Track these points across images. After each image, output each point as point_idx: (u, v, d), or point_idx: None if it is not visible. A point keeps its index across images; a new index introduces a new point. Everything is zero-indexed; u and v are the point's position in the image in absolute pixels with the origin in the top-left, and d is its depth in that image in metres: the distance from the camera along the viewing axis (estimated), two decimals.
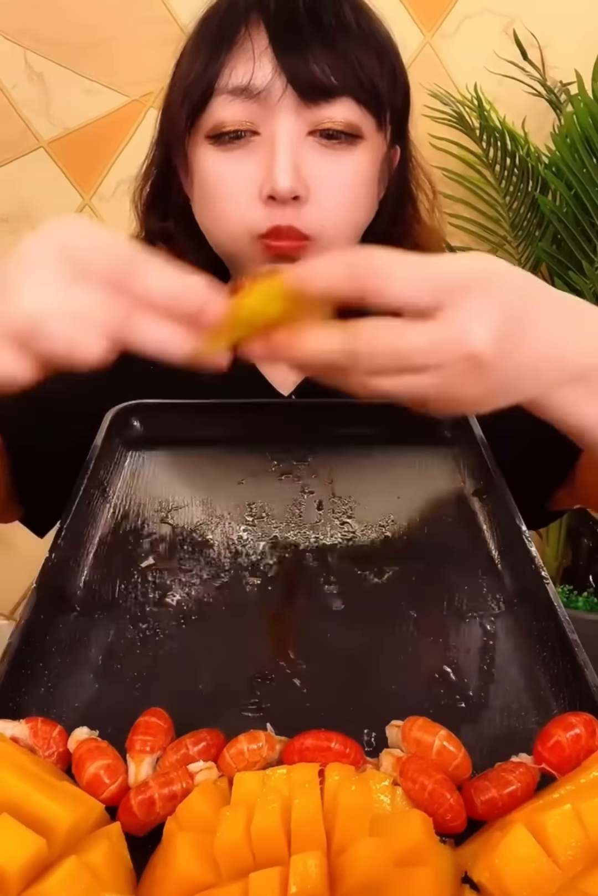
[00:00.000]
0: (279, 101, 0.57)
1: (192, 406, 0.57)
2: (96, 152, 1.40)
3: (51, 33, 1.33)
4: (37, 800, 0.25)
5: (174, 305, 0.35)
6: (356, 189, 0.62)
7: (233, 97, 0.57)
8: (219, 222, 0.62)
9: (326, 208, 0.59)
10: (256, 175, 0.59)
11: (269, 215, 0.59)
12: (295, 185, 0.57)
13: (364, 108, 0.59)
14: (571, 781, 0.27)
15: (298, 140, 0.58)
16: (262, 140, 0.59)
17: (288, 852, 0.25)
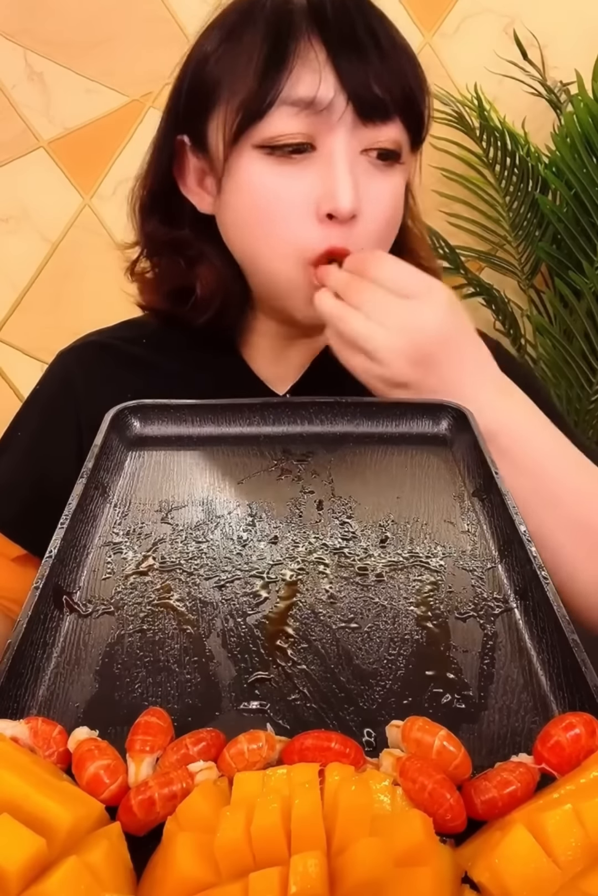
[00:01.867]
0: (341, 117, 0.56)
1: (192, 406, 0.57)
2: (96, 152, 1.40)
3: (51, 33, 1.33)
4: (37, 800, 0.25)
5: None
6: (396, 209, 0.63)
7: (297, 109, 0.56)
8: (267, 240, 0.60)
9: (372, 229, 0.60)
10: (312, 192, 0.57)
11: (325, 235, 0.58)
12: (356, 203, 0.57)
13: (406, 129, 0.59)
14: (571, 781, 0.27)
15: (354, 158, 0.57)
16: (318, 156, 0.57)
17: (288, 852, 0.25)
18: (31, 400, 0.72)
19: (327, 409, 0.57)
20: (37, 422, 0.70)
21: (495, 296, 1.40)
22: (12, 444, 0.69)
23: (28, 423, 0.70)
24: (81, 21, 1.32)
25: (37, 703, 0.35)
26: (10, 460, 0.68)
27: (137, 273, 0.72)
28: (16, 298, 1.51)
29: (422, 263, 0.70)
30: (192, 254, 0.68)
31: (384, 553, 0.44)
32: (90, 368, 0.71)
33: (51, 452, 0.67)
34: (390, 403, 0.57)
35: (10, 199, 1.44)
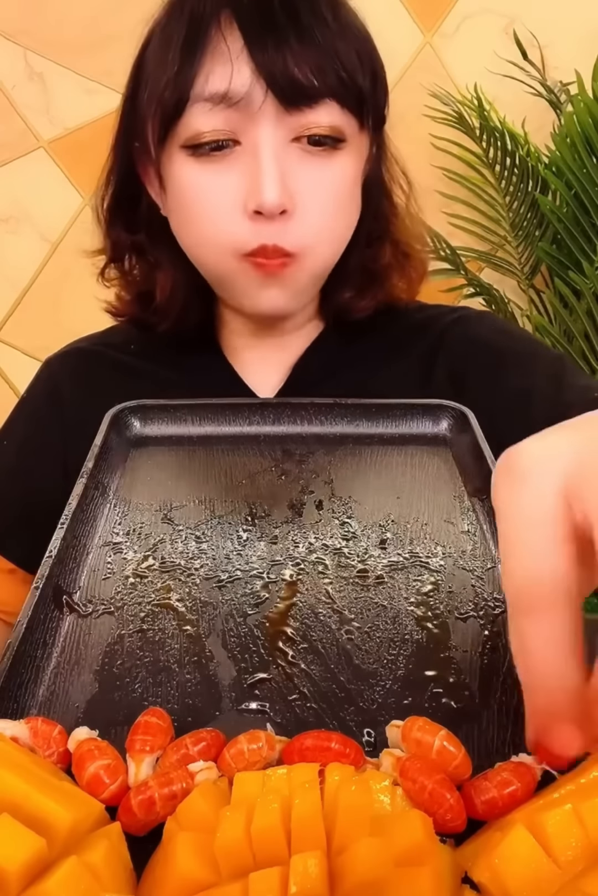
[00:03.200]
0: (260, 108, 0.53)
1: (192, 406, 0.57)
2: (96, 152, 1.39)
3: (51, 33, 1.33)
4: (37, 800, 0.25)
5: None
6: (342, 197, 0.59)
7: (211, 105, 0.53)
8: (202, 239, 0.59)
9: (311, 222, 0.56)
10: (239, 188, 0.55)
11: (255, 232, 0.55)
12: (282, 199, 0.54)
13: (347, 111, 0.55)
14: (571, 781, 0.27)
15: (281, 149, 0.54)
16: (243, 150, 0.55)
17: (288, 852, 0.25)
18: (17, 409, 0.71)
19: (327, 410, 0.57)
20: (23, 432, 0.69)
21: (495, 296, 1.40)
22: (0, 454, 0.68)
23: (14, 433, 0.69)
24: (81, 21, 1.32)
25: (37, 703, 0.35)
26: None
27: (109, 279, 0.71)
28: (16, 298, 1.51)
29: (404, 250, 0.68)
30: (150, 259, 0.67)
31: (384, 553, 0.44)
32: (77, 376, 0.70)
33: (37, 464, 0.66)
34: (390, 404, 0.57)
35: (10, 199, 1.44)
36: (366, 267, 0.67)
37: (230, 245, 0.57)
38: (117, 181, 0.66)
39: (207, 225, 0.57)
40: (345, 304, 0.68)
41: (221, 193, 0.56)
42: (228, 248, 0.57)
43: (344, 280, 0.66)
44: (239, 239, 0.56)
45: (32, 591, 0.38)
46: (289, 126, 0.54)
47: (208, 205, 0.56)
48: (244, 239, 0.56)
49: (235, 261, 0.58)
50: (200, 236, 0.59)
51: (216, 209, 0.56)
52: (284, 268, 0.57)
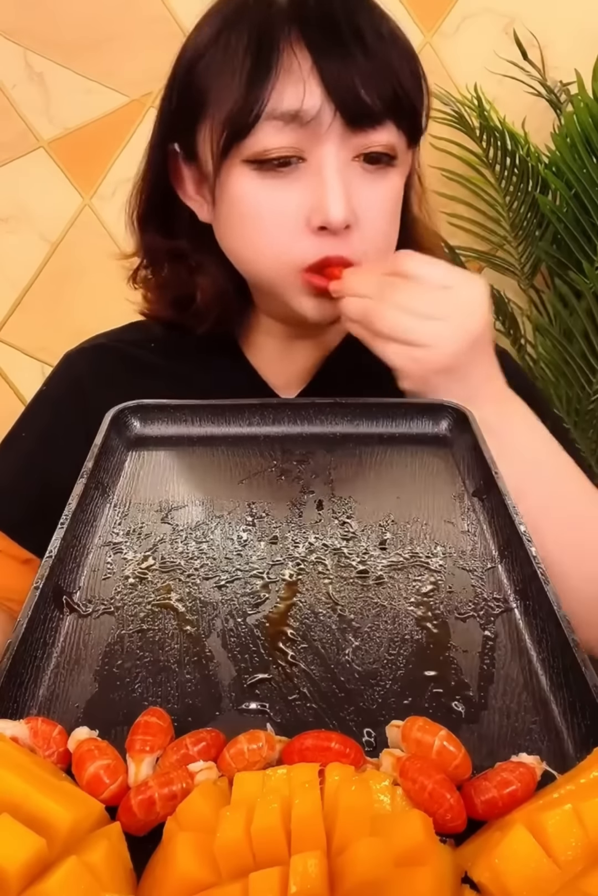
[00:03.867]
0: (328, 127, 0.54)
1: (192, 406, 0.57)
2: (96, 152, 1.40)
3: (51, 33, 1.33)
4: (37, 800, 0.25)
5: None
6: (395, 211, 0.61)
7: (283, 123, 0.54)
8: (261, 252, 0.60)
9: (370, 235, 0.59)
10: (303, 204, 0.56)
11: (319, 246, 0.57)
12: (347, 214, 0.56)
13: (402, 132, 0.58)
14: (571, 781, 0.27)
15: (345, 168, 0.56)
16: (307, 167, 0.56)
17: (288, 852, 0.25)
18: (36, 400, 0.72)
19: (327, 410, 0.57)
20: (43, 423, 0.69)
21: (495, 296, 1.40)
22: (17, 444, 0.69)
23: (33, 424, 0.70)
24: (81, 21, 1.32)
25: (37, 703, 0.35)
26: (14, 462, 0.68)
27: (139, 281, 0.72)
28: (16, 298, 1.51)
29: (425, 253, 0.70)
30: (191, 263, 0.67)
31: (384, 553, 0.44)
32: (98, 371, 0.71)
33: (58, 455, 0.66)
34: (390, 404, 0.57)
35: (10, 199, 1.44)
36: None
37: (291, 258, 0.58)
38: (151, 186, 0.66)
39: (269, 239, 0.59)
40: None
41: (284, 209, 0.57)
42: (290, 261, 0.59)
43: None
44: (301, 253, 0.58)
45: (32, 591, 0.38)
46: (352, 145, 0.56)
47: (271, 219, 0.58)
48: (306, 253, 0.58)
49: (291, 274, 0.59)
50: (259, 249, 0.60)
51: (279, 224, 0.58)
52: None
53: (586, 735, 0.33)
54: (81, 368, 0.71)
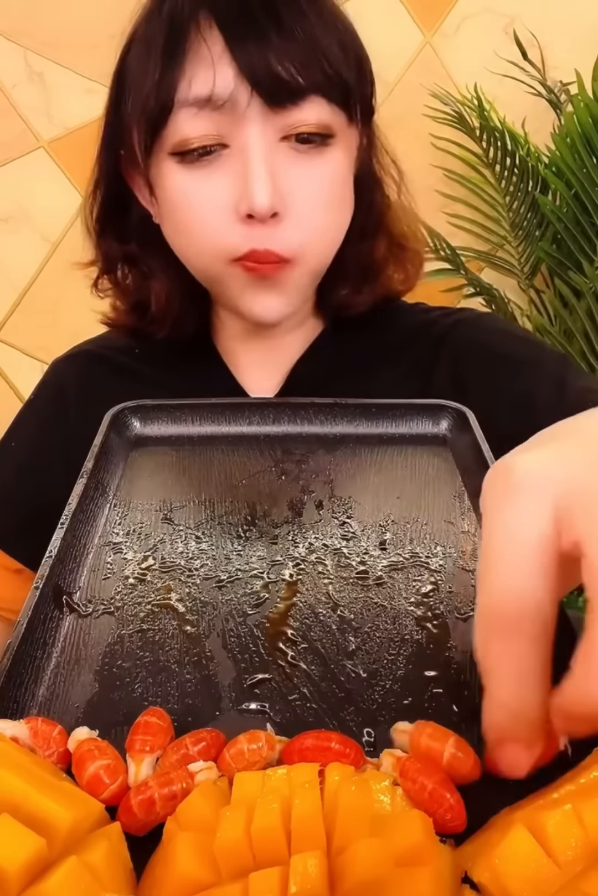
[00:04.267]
0: (246, 109, 0.52)
1: (192, 406, 0.57)
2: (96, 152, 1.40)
3: (51, 33, 1.33)
4: (37, 800, 0.25)
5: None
6: (334, 194, 0.58)
7: (196, 110, 0.52)
8: (193, 246, 0.58)
9: (304, 223, 0.55)
10: (229, 193, 0.54)
11: (247, 236, 0.55)
12: (274, 200, 0.53)
13: (334, 105, 0.54)
14: (571, 781, 0.27)
15: (270, 149, 0.53)
16: (231, 153, 0.54)
17: (288, 852, 0.25)
18: (25, 410, 0.72)
19: (327, 410, 0.57)
20: (31, 433, 0.69)
21: (495, 296, 1.40)
22: (6, 454, 0.69)
23: (22, 434, 0.70)
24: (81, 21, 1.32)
25: (37, 703, 0.35)
26: (3, 472, 0.67)
27: (101, 289, 0.71)
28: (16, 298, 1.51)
29: (399, 243, 0.68)
30: (143, 268, 0.66)
31: (384, 553, 0.44)
32: (82, 379, 0.70)
33: (44, 465, 0.66)
34: (390, 404, 0.57)
35: (10, 199, 1.44)
36: (361, 261, 0.66)
37: (221, 250, 0.56)
38: (105, 191, 0.65)
39: (198, 231, 0.57)
40: (342, 300, 0.67)
41: (210, 198, 0.55)
42: (219, 253, 0.56)
43: (340, 276, 0.65)
44: (230, 243, 0.55)
45: (32, 591, 0.38)
46: (276, 125, 0.53)
47: (198, 210, 0.56)
48: (235, 243, 0.55)
49: (226, 265, 0.57)
50: (192, 242, 0.58)
51: (206, 214, 0.55)
52: (278, 271, 0.56)
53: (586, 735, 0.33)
54: (66, 376, 0.71)
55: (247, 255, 0.55)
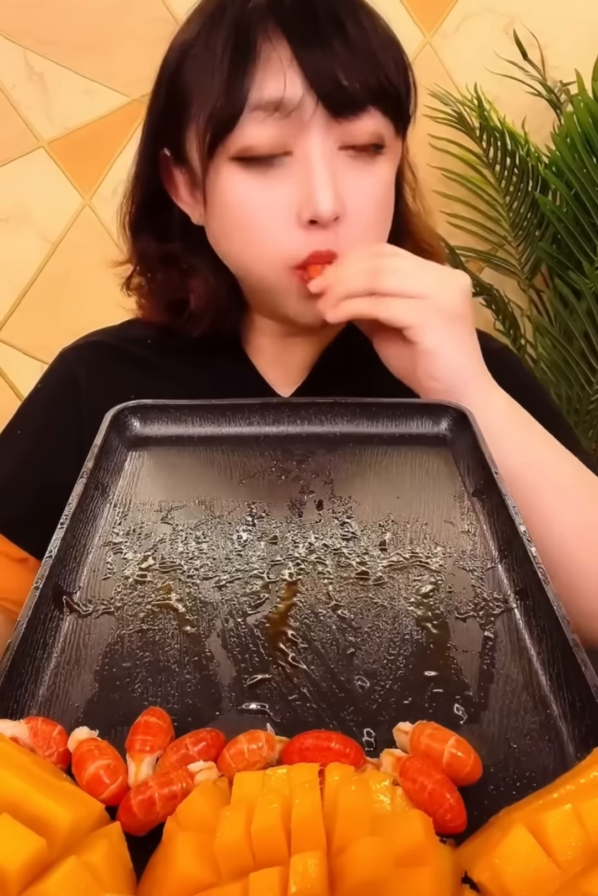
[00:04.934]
0: (311, 117, 0.54)
1: (192, 406, 0.57)
2: (96, 152, 1.40)
3: (51, 33, 1.33)
4: (37, 800, 0.25)
5: None
6: (385, 200, 0.61)
7: (265, 115, 0.54)
8: (252, 250, 0.59)
9: (360, 225, 0.58)
10: (292, 199, 0.56)
11: (308, 240, 0.57)
12: (336, 207, 0.55)
13: (388, 118, 0.57)
14: (571, 781, 0.27)
15: (331, 158, 0.55)
16: (294, 160, 0.56)
17: (288, 852, 0.25)
18: (32, 398, 0.72)
19: (327, 410, 0.57)
20: (39, 421, 0.69)
21: (495, 296, 1.40)
22: (13, 442, 0.69)
23: (29, 422, 0.70)
24: (81, 21, 1.32)
25: (37, 703, 0.35)
26: (10, 459, 0.67)
27: (133, 288, 0.72)
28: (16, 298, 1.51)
29: (423, 248, 0.69)
30: (184, 267, 0.66)
31: (384, 553, 0.44)
32: (93, 368, 0.70)
33: (53, 453, 0.66)
34: (390, 404, 0.57)
35: (10, 199, 1.44)
36: None
37: (282, 256, 0.58)
38: (144, 191, 0.66)
39: (260, 237, 0.58)
40: None
41: (274, 205, 0.57)
42: (280, 259, 0.58)
43: None
44: (292, 249, 0.57)
45: (32, 591, 0.38)
46: (337, 134, 0.56)
47: (261, 217, 0.57)
48: (296, 249, 0.57)
49: (284, 272, 0.58)
50: (251, 249, 0.59)
51: (269, 221, 0.57)
52: None
53: (586, 735, 0.33)
54: (76, 366, 0.71)
55: (309, 258, 0.57)
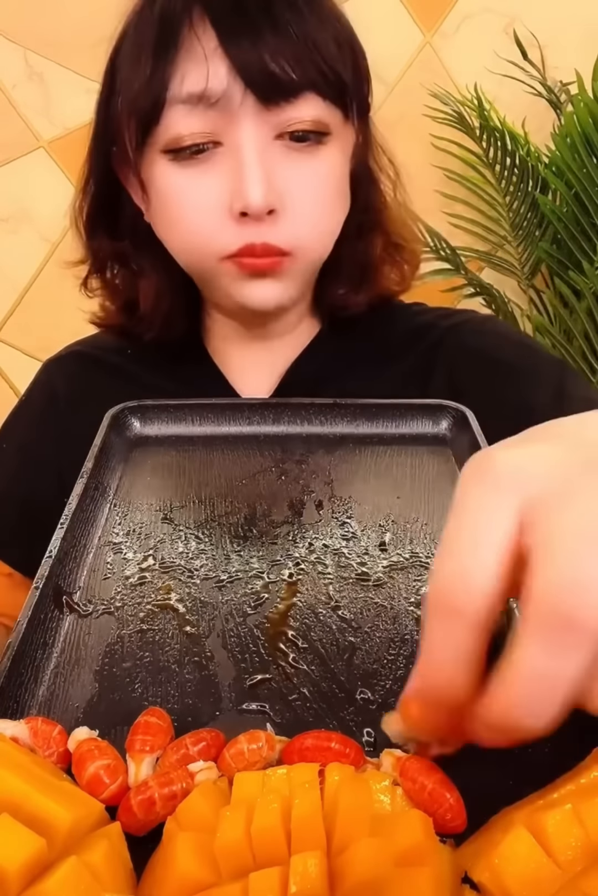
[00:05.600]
0: (239, 106, 0.51)
1: (192, 406, 0.57)
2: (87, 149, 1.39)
3: (51, 33, 1.33)
4: (37, 800, 0.25)
5: None
6: (331, 191, 0.57)
7: (189, 107, 0.52)
8: (186, 243, 0.58)
9: (302, 219, 0.55)
10: (223, 191, 0.54)
11: (241, 233, 0.54)
12: (269, 198, 0.52)
13: (330, 103, 0.54)
14: (571, 781, 0.27)
15: (265, 147, 0.53)
16: (225, 151, 0.53)
17: (288, 852, 0.25)
18: (15, 412, 0.71)
19: (327, 410, 0.57)
20: (20, 436, 0.69)
21: (495, 296, 1.40)
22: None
23: (13, 436, 0.69)
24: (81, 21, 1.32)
25: (37, 703, 0.35)
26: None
27: (91, 289, 0.71)
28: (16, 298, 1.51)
29: (395, 241, 0.67)
30: (133, 266, 0.65)
31: (384, 553, 0.44)
32: (73, 379, 0.70)
33: (34, 468, 0.65)
34: (390, 404, 0.57)
35: (10, 199, 1.44)
36: (357, 260, 0.66)
37: (214, 248, 0.56)
38: (96, 188, 0.64)
39: (191, 229, 0.56)
40: (338, 300, 0.67)
41: (204, 196, 0.54)
42: (212, 250, 0.56)
43: (336, 275, 0.65)
44: (223, 241, 0.55)
45: (32, 591, 0.38)
46: (270, 123, 0.53)
47: (191, 209, 0.55)
48: (228, 241, 0.55)
49: (218, 262, 0.56)
50: (184, 240, 0.58)
51: (200, 213, 0.55)
52: (273, 267, 0.56)
53: (586, 735, 0.33)
54: (57, 377, 0.70)
55: (241, 250, 0.55)
